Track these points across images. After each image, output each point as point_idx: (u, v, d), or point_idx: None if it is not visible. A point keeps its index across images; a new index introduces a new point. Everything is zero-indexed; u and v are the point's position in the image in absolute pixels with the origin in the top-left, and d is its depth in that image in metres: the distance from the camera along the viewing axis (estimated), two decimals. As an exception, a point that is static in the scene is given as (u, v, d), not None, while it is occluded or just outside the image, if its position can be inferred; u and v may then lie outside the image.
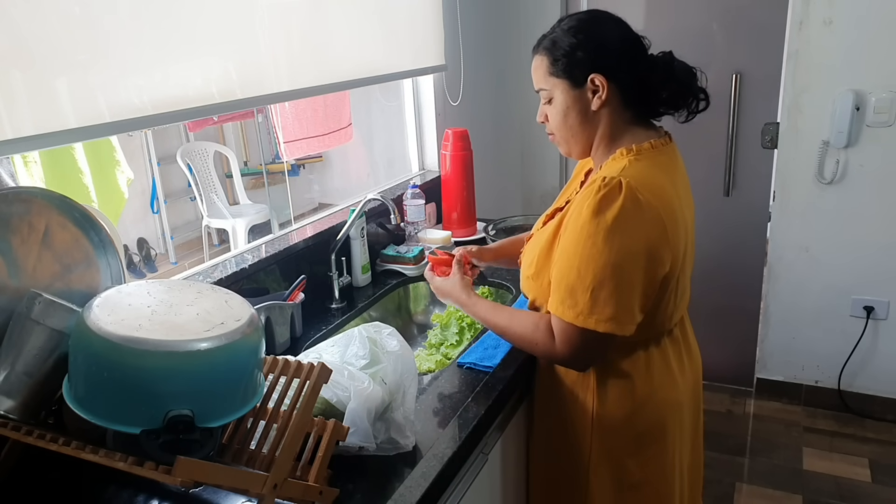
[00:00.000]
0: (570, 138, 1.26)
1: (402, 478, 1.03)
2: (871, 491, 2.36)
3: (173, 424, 0.85)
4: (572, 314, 1.14)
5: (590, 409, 1.28)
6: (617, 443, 1.29)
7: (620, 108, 1.21)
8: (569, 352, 1.19)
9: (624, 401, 1.27)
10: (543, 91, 1.25)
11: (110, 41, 1.23)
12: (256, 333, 0.95)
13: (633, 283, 1.13)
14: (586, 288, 1.12)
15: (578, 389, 1.29)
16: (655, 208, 1.12)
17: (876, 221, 2.59)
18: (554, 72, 1.21)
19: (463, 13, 2.49)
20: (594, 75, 1.17)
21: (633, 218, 1.10)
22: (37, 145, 1.14)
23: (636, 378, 1.27)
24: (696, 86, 1.22)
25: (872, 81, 2.46)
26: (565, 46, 1.19)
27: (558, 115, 1.24)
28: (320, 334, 1.58)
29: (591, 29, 1.19)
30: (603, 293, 1.12)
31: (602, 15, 1.23)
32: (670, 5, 2.76)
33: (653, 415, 1.30)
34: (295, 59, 1.69)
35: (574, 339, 1.17)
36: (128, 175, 2.32)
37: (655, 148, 1.20)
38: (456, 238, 2.14)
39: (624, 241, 1.10)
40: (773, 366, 2.93)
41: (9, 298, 1.01)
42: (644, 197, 1.11)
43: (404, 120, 2.55)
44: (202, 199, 4.21)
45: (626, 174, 1.12)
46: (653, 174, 1.16)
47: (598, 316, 1.13)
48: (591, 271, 1.11)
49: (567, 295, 1.15)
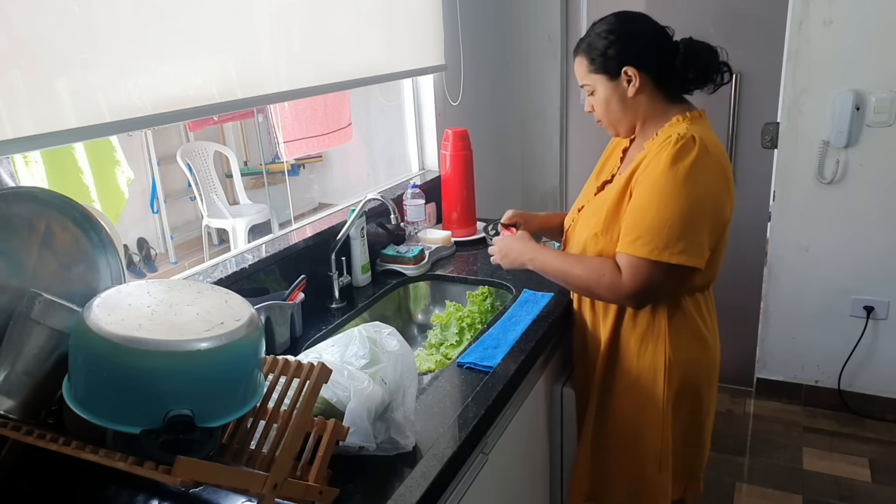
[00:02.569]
0: (616, 122, 1.45)
1: (402, 478, 1.03)
2: (871, 491, 2.36)
3: (173, 424, 0.85)
4: (647, 250, 1.29)
5: (664, 353, 1.42)
6: (684, 383, 1.45)
7: (655, 91, 1.40)
8: (635, 285, 1.32)
9: (692, 343, 1.45)
10: (587, 86, 1.44)
11: (110, 41, 1.23)
12: (256, 333, 0.95)
13: (703, 224, 1.30)
14: (663, 226, 1.28)
15: (650, 339, 1.43)
16: (721, 161, 1.32)
17: (876, 221, 2.59)
18: (593, 69, 1.41)
19: (463, 13, 2.49)
20: (626, 68, 1.37)
21: (705, 167, 1.28)
22: (37, 145, 1.14)
23: (698, 322, 1.45)
24: (717, 61, 1.39)
25: (872, 81, 2.46)
26: (599, 47, 1.39)
27: (602, 105, 1.43)
28: (320, 334, 1.58)
29: (620, 28, 1.38)
30: (677, 231, 1.27)
31: (629, 15, 1.41)
32: (670, 5, 2.76)
33: (711, 356, 1.49)
34: (295, 59, 1.69)
35: (643, 272, 1.31)
36: (128, 175, 2.32)
37: (702, 117, 1.40)
38: (456, 238, 2.14)
39: (698, 186, 1.28)
40: (773, 366, 2.93)
41: (9, 298, 1.01)
42: (712, 150, 1.30)
43: (404, 120, 2.55)
44: (202, 199, 4.21)
45: (694, 131, 1.30)
46: (711, 135, 1.35)
47: (672, 249, 1.28)
48: (670, 211, 1.27)
49: (643, 233, 1.29)
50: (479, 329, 1.65)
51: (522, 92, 3.07)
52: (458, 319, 1.69)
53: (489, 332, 1.50)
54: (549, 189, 3.23)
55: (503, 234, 1.62)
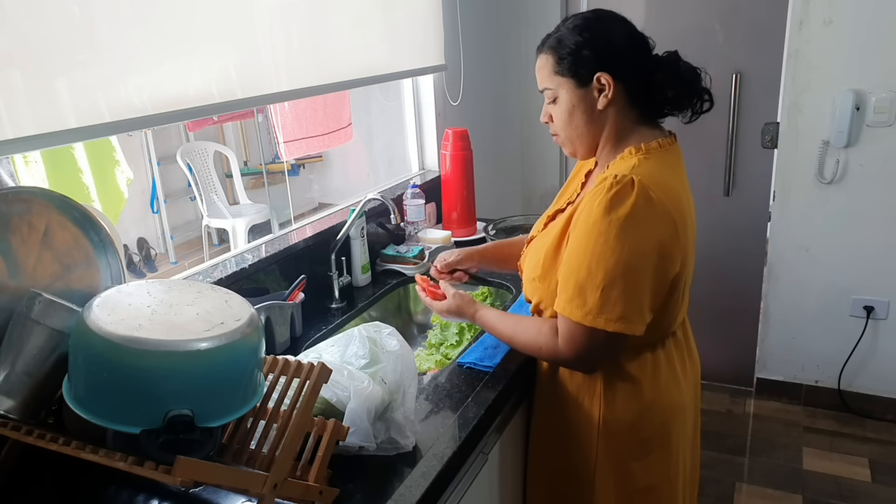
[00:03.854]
0: (576, 138, 1.24)
1: (402, 478, 1.03)
2: (871, 491, 2.36)
3: (173, 424, 0.85)
4: (581, 313, 1.12)
5: (596, 414, 1.26)
6: (623, 448, 1.28)
7: (626, 107, 1.20)
8: (574, 352, 1.17)
9: (631, 405, 1.26)
10: (548, 90, 1.23)
11: (110, 41, 1.23)
12: (256, 333, 0.95)
13: (645, 283, 1.12)
14: (596, 286, 1.10)
15: (584, 394, 1.28)
16: (666, 207, 1.11)
17: (876, 221, 2.59)
18: (559, 70, 1.20)
19: (463, 13, 2.49)
20: (600, 74, 1.16)
21: (646, 216, 1.09)
22: (37, 145, 1.14)
23: (643, 382, 1.25)
24: (700, 86, 1.21)
25: (872, 81, 2.46)
26: (571, 45, 1.18)
27: (563, 115, 1.22)
28: (320, 334, 1.58)
29: (598, 27, 1.18)
30: (614, 292, 1.10)
31: (607, 14, 1.22)
32: (670, 5, 2.76)
33: (658, 418, 1.28)
34: (295, 59, 1.69)
35: (581, 339, 1.15)
36: (127, 175, 2.32)
37: (663, 147, 1.20)
38: (456, 238, 2.14)
39: (636, 240, 1.09)
40: (773, 366, 2.93)
41: (9, 298, 1.01)
42: (656, 195, 1.09)
43: (404, 120, 2.55)
44: (202, 199, 4.21)
45: (637, 172, 1.11)
46: (662, 173, 1.15)
47: (608, 315, 1.11)
48: (602, 269, 1.10)
49: (576, 294, 1.13)
50: (478, 329, 1.65)
51: (522, 92, 3.07)
52: (458, 319, 1.69)
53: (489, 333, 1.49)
54: (550, 189, 3.23)
55: (445, 287, 1.45)
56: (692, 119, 1.23)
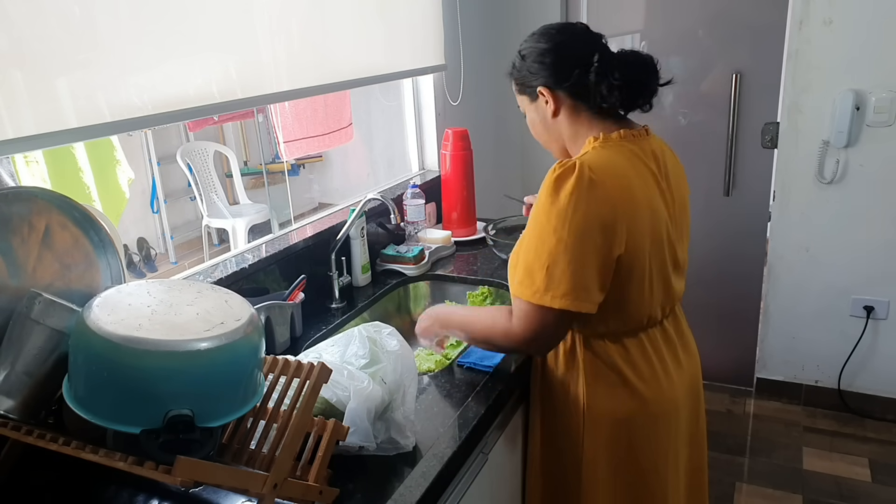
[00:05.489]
0: (548, 143, 1.36)
1: (402, 477, 1.03)
2: (871, 491, 2.36)
3: (173, 424, 0.85)
4: (529, 292, 1.16)
5: (580, 403, 1.29)
6: (609, 435, 1.30)
7: (574, 111, 1.27)
8: (527, 331, 1.19)
9: (613, 392, 1.28)
10: (521, 108, 1.37)
11: (110, 41, 1.23)
12: (256, 333, 0.95)
13: (588, 260, 1.15)
14: (542, 265, 1.15)
15: (569, 383, 1.30)
16: (607, 187, 1.15)
17: (876, 221, 2.59)
18: (517, 90, 1.34)
19: (463, 13, 2.49)
20: (540, 88, 1.27)
21: (585, 196, 1.13)
22: (37, 145, 1.14)
23: (625, 370, 1.28)
24: (647, 75, 1.23)
25: (872, 81, 2.46)
26: (517, 67, 1.31)
27: (532, 127, 1.36)
28: (320, 334, 1.58)
29: (533, 46, 1.28)
30: (557, 269, 1.14)
31: (546, 29, 1.29)
32: (670, 5, 2.76)
33: (644, 410, 1.30)
34: (295, 59, 1.69)
35: (532, 317, 1.18)
36: (128, 175, 2.32)
37: (625, 138, 1.24)
38: (456, 238, 2.14)
39: (576, 218, 1.13)
40: (773, 366, 2.93)
41: (9, 298, 1.01)
42: (597, 176, 1.14)
43: (404, 120, 2.55)
44: (202, 199, 4.22)
45: (582, 158, 1.18)
46: (612, 159, 1.20)
47: (554, 292, 1.14)
48: (546, 249, 1.15)
49: (525, 275, 1.18)
50: (479, 329, 1.65)
51: (522, 92, 3.07)
52: (458, 319, 1.69)
53: (489, 332, 1.49)
54: (549, 189, 3.22)
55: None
56: (645, 110, 1.27)
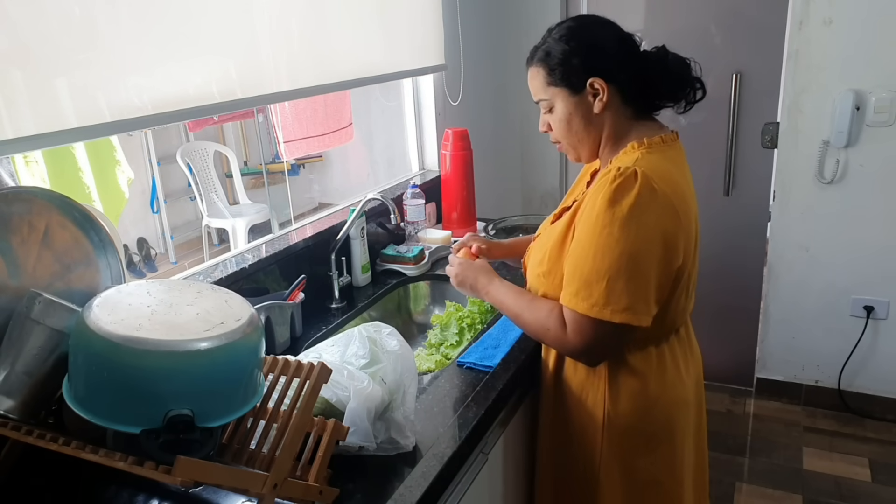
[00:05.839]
0: (578, 144, 1.26)
1: (402, 477, 1.03)
2: (871, 491, 2.36)
3: (173, 424, 0.85)
4: (586, 305, 1.13)
5: (601, 409, 1.27)
6: (628, 442, 1.29)
7: (622, 106, 1.22)
8: (581, 344, 1.17)
9: (636, 400, 1.26)
10: (543, 101, 1.26)
11: (110, 41, 1.23)
12: (256, 333, 0.95)
13: (649, 273, 1.12)
14: (601, 278, 1.11)
15: (589, 388, 1.28)
16: (669, 198, 1.12)
17: (876, 221, 2.59)
18: (552, 81, 1.22)
19: (463, 13, 2.49)
20: (592, 79, 1.19)
21: (649, 207, 1.10)
22: (37, 145, 1.14)
23: (649, 376, 1.26)
24: (690, 76, 1.23)
25: (872, 81, 2.46)
26: (559, 55, 1.20)
27: (562, 123, 1.25)
28: (320, 334, 1.58)
29: (583, 34, 1.21)
30: (619, 283, 1.10)
31: (590, 19, 1.25)
32: (670, 5, 2.76)
33: (663, 414, 1.29)
34: (295, 59, 1.69)
35: (587, 330, 1.15)
36: (128, 175, 2.32)
37: (666, 143, 1.22)
38: (456, 238, 2.14)
39: (640, 230, 1.10)
40: (773, 365, 2.93)
41: (9, 298, 1.01)
42: (659, 186, 1.11)
43: (404, 120, 2.55)
44: (202, 199, 4.21)
45: (640, 164, 1.13)
46: (665, 166, 1.17)
47: (614, 306, 1.11)
48: (607, 261, 1.10)
49: (582, 286, 1.13)
50: (479, 329, 1.65)
51: (522, 92, 3.06)
52: (458, 319, 1.69)
53: (489, 333, 1.49)
54: (549, 189, 3.23)
55: (465, 258, 1.46)
56: (686, 109, 1.25)
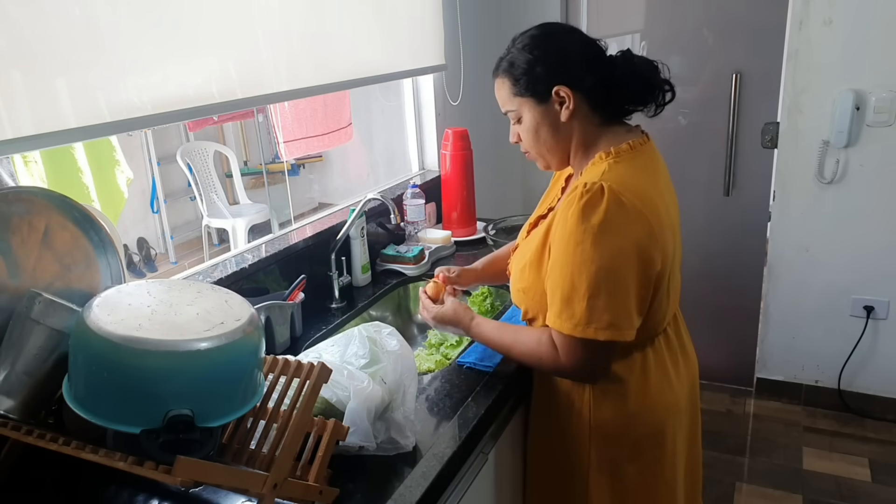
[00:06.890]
0: (546, 153, 1.26)
1: (402, 477, 1.03)
2: (871, 491, 2.36)
3: (173, 424, 0.85)
4: (570, 325, 1.13)
5: (587, 416, 1.27)
6: (616, 449, 1.28)
7: (590, 114, 1.21)
8: (573, 363, 1.17)
9: (621, 406, 1.25)
10: (511, 112, 1.26)
11: (110, 41, 1.23)
12: (256, 333, 0.95)
13: (629, 287, 1.12)
14: (582, 297, 1.11)
15: (575, 396, 1.28)
16: (639, 209, 1.11)
17: (876, 221, 2.59)
18: (517, 91, 1.22)
19: (463, 13, 2.49)
20: (558, 87, 1.18)
21: (619, 220, 1.09)
22: (37, 145, 1.14)
23: (632, 382, 1.25)
24: (659, 79, 1.21)
25: (872, 81, 2.46)
26: (523, 65, 1.20)
27: (530, 133, 1.24)
28: (320, 334, 1.58)
29: (546, 42, 1.21)
30: (600, 300, 1.10)
31: (554, 27, 1.25)
32: (671, 6, 2.76)
33: (650, 419, 1.28)
34: (295, 59, 1.69)
35: (577, 350, 1.15)
36: (127, 175, 2.32)
37: (634, 149, 1.20)
38: (456, 238, 2.14)
39: (614, 245, 1.09)
40: (773, 366, 2.93)
41: (9, 298, 1.01)
42: (627, 198, 1.10)
43: (404, 120, 2.55)
44: (202, 199, 4.21)
45: (606, 178, 1.12)
46: (633, 175, 1.16)
47: (597, 324, 1.11)
48: (584, 278, 1.10)
49: (563, 307, 1.13)
50: (479, 329, 1.65)
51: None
52: (458, 319, 1.69)
53: (489, 332, 1.49)
54: (549, 189, 3.23)
55: (433, 291, 1.45)
56: (657, 112, 1.24)
